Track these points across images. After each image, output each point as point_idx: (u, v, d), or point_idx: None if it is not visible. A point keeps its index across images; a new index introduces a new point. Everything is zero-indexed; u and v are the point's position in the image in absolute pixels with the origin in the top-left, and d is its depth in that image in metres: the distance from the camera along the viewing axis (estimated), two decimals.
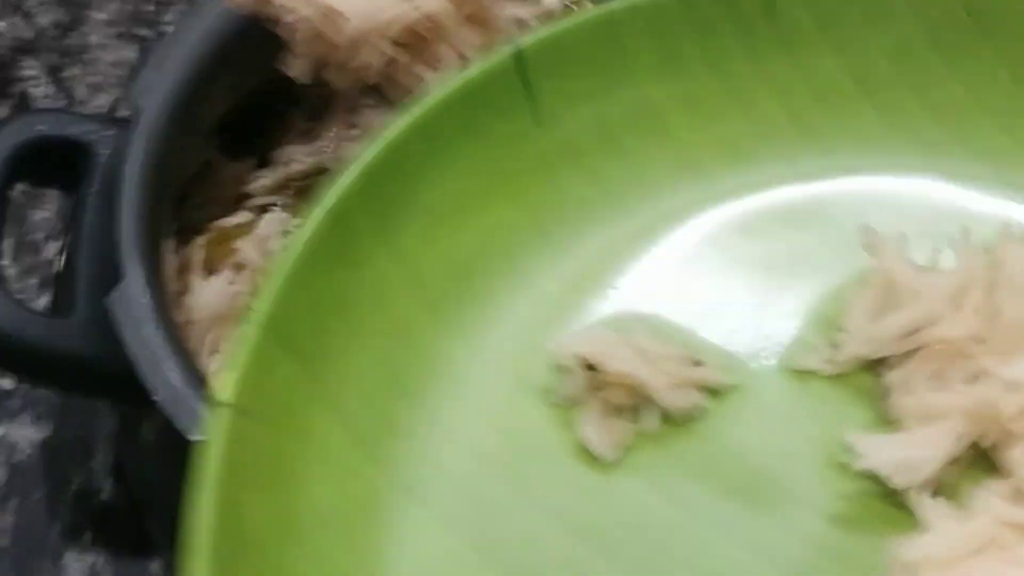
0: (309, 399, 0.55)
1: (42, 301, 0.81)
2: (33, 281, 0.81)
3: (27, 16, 0.89)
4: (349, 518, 0.55)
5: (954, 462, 0.54)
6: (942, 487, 0.54)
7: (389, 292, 0.58)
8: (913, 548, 0.51)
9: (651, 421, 0.57)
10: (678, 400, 0.57)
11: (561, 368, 0.58)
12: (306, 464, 0.54)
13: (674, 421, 0.57)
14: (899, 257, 0.58)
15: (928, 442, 0.54)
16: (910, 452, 0.54)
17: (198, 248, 0.73)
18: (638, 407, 0.57)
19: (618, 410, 0.57)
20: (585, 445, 0.57)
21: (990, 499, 0.52)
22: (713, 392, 0.58)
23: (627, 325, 0.59)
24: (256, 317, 0.54)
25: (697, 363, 0.58)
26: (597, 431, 0.56)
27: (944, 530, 0.52)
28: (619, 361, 0.56)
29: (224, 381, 0.53)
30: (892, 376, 0.56)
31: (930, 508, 0.53)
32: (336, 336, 0.57)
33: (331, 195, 0.57)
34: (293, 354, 0.55)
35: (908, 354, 0.56)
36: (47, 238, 0.83)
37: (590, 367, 0.57)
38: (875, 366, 0.57)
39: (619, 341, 0.57)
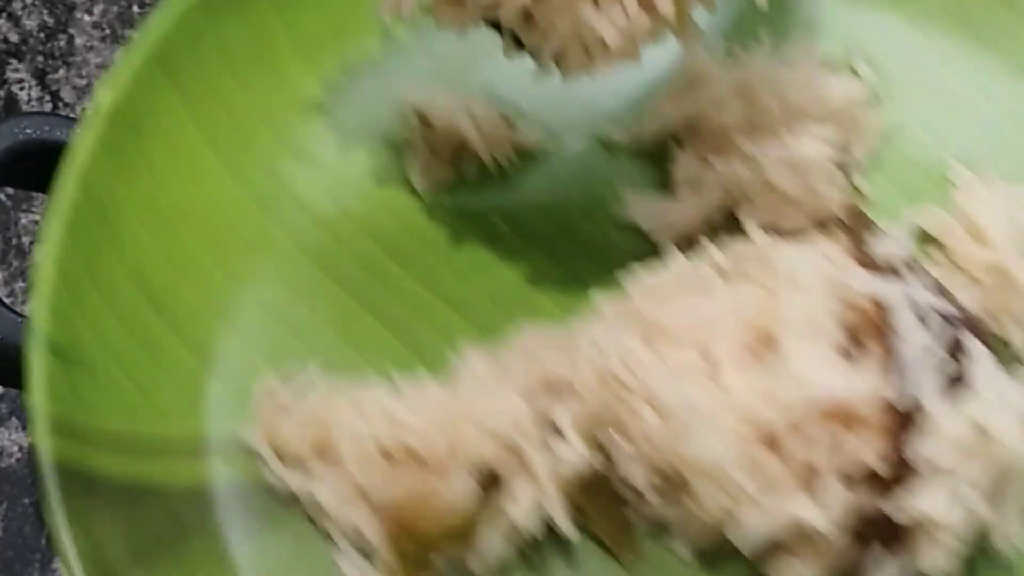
0: (180, 114, 0.63)
1: (30, 306, 0.76)
2: (20, 285, 0.79)
3: (13, 19, 0.86)
4: (201, 211, 0.63)
5: (710, 226, 0.63)
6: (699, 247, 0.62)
7: (265, 33, 0.66)
8: (634, 279, 0.60)
9: (470, 170, 0.66)
10: (494, 154, 0.65)
11: (400, 116, 0.66)
12: (167, 163, 0.62)
13: (490, 173, 0.66)
14: (705, 52, 0.66)
15: (686, 206, 0.63)
16: (670, 213, 0.63)
17: None
18: (460, 157, 0.66)
19: (442, 157, 0.66)
20: (411, 182, 0.66)
21: (711, 249, 0.60)
22: (528, 154, 0.66)
23: (463, 88, 0.67)
24: (139, 45, 0.62)
25: (512, 125, 0.66)
26: (422, 172, 0.66)
27: (667, 269, 0.60)
28: (447, 115, 0.65)
29: (103, 95, 0.61)
30: (678, 151, 0.65)
31: (671, 255, 0.61)
32: (213, 65, 0.64)
33: None
34: (170, 78, 0.63)
35: (693, 133, 0.65)
36: (33, 242, 0.80)
37: (423, 118, 0.66)
38: (668, 142, 0.66)
39: (450, 99, 0.66)
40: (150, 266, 0.61)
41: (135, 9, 0.87)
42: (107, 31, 0.86)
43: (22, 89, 0.84)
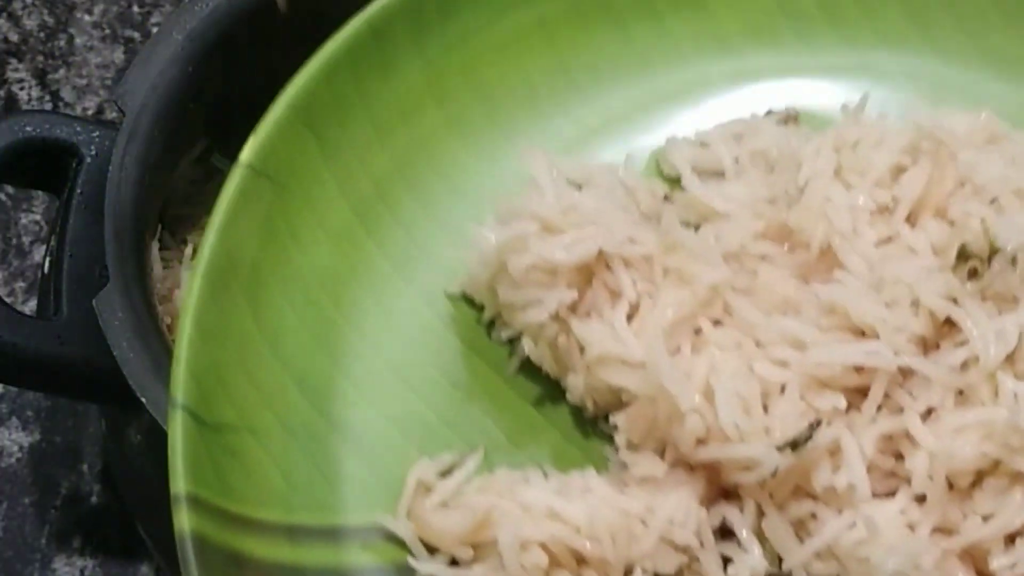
0: (322, 174, 0.58)
1: (30, 305, 0.76)
2: (20, 285, 0.77)
3: (13, 19, 0.84)
4: (340, 278, 0.57)
5: None
6: None
7: (413, 100, 0.61)
8: None
9: None
10: None
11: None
12: (308, 226, 0.57)
13: None
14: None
15: None
16: None
17: (190, 245, 0.70)
18: None
19: None
20: None
21: None
22: None
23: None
24: (285, 98, 0.57)
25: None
26: None
27: None
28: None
29: (249, 146, 0.56)
30: None
31: None
32: (358, 127, 0.59)
33: (375, 6, 0.60)
34: (315, 134, 0.58)
35: None
36: (34, 242, 0.78)
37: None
38: None
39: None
40: (290, 338, 0.55)
41: (135, 9, 0.85)
42: (107, 31, 0.84)
43: (22, 89, 0.82)
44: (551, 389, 0.57)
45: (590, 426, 0.56)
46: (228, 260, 0.55)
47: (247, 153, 0.56)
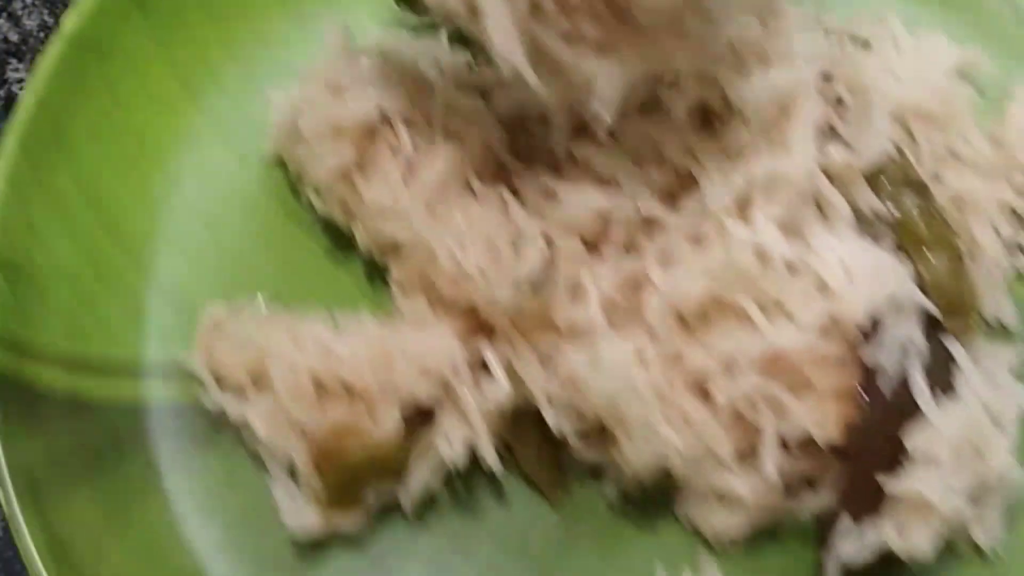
0: (146, 44, 0.63)
1: None
2: None
3: (13, 19, 0.84)
4: (161, 139, 0.63)
5: None
6: None
7: None
8: None
9: None
10: None
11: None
12: (131, 92, 0.62)
13: None
14: None
15: None
16: None
17: None
18: None
19: None
20: None
21: None
22: None
23: None
24: None
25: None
26: None
27: None
28: None
29: (70, 18, 0.61)
30: None
31: None
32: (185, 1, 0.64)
33: None
34: (141, 8, 0.63)
35: None
36: None
37: None
38: None
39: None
40: (103, 186, 0.60)
41: None
42: None
43: (22, 88, 0.79)
44: (346, 242, 0.61)
45: (379, 275, 0.61)
46: (44, 120, 0.59)
47: (68, 25, 0.60)
